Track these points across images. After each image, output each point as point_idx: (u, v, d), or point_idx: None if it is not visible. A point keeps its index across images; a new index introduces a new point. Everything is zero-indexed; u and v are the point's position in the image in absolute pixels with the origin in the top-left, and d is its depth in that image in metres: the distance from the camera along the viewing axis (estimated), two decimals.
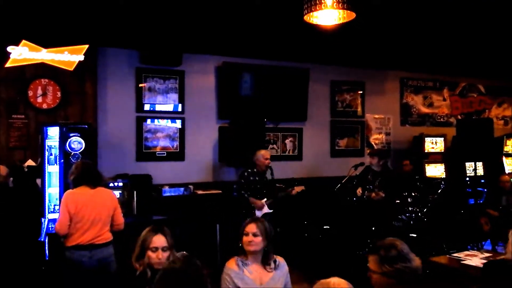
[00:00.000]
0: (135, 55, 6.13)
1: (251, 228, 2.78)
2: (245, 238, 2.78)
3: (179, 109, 6.43)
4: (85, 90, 5.72)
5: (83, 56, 5.24)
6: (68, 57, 5.19)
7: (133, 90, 6.18)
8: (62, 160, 4.86)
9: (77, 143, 5.03)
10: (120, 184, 5.51)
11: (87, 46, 5.25)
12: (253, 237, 2.76)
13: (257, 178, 5.46)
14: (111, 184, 5.45)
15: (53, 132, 5.00)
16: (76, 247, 3.60)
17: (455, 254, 4.09)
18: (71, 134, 4.99)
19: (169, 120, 6.39)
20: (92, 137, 5.45)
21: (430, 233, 5.50)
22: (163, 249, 2.55)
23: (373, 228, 5.61)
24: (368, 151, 7.32)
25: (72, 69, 5.23)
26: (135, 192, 5.52)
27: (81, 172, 3.78)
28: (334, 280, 1.87)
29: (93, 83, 5.82)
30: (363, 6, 3.75)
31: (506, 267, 2.86)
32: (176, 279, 1.54)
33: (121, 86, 6.12)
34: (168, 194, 6.02)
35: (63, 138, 4.90)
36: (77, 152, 5.06)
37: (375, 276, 2.31)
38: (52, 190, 4.93)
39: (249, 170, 5.53)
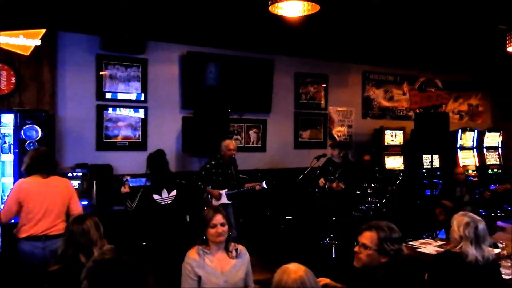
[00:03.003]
0: (96, 41, 5.94)
1: (218, 219, 2.76)
2: (213, 231, 2.74)
3: (142, 98, 6.30)
4: (42, 76, 5.49)
5: (40, 41, 5.02)
6: (24, 41, 4.97)
7: (94, 77, 6.00)
8: (17, 150, 4.68)
9: (33, 131, 4.85)
10: (79, 174, 5.37)
11: (44, 30, 5.04)
12: (221, 227, 2.75)
13: (219, 170, 5.46)
14: (70, 174, 5.30)
15: (7, 119, 4.81)
16: (29, 238, 3.49)
17: (411, 242, 4.25)
18: (27, 122, 4.81)
19: (132, 109, 6.26)
20: (50, 125, 5.26)
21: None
22: None
23: (334, 218, 5.74)
24: (330, 144, 7.46)
25: (27, 53, 5.01)
26: (95, 182, 5.39)
27: (34, 161, 3.64)
28: (292, 266, 1.92)
29: (51, 69, 5.60)
30: None
31: (452, 257, 2.98)
32: (106, 268, 1.55)
33: (81, 73, 5.92)
34: (130, 184, 5.89)
35: (18, 126, 4.72)
36: (33, 141, 4.88)
37: (367, 252, 2.39)
38: (5, 179, 4.76)
39: (213, 162, 5.53)
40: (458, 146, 8.50)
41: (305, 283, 1.84)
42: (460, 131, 8.56)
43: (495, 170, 8.68)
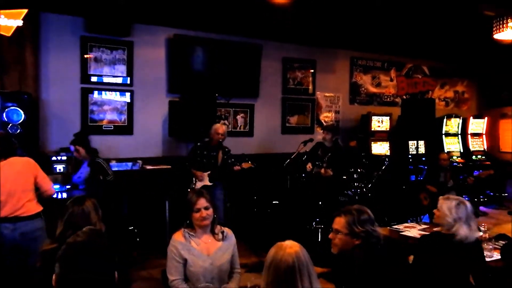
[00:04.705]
0: (80, 22, 5.81)
1: (202, 203, 2.75)
2: (197, 215, 2.74)
3: (128, 81, 6.21)
4: (24, 57, 5.35)
5: (22, 21, 4.88)
6: (5, 21, 4.81)
7: (78, 60, 5.88)
8: None
9: (16, 113, 4.77)
10: (64, 158, 5.30)
11: (26, 10, 4.90)
12: (205, 211, 2.75)
13: (204, 153, 5.42)
14: (54, 158, 5.25)
15: None
16: (0, 219, 3.49)
17: (395, 226, 4.31)
18: (9, 104, 4.72)
19: (118, 93, 6.17)
20: (33, 108, 5.17)
21: (374, 207, 5.73)
22: None
23: (320, 203, 5.78)
24: (323, 126, 7.52)
25: (9, 34, 4.86)
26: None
27: None
28: (287, 242, 1.98)
29: (34, 51, 5.47)
30: None
31: (438, 237, 3.03)
32: (79, 251, 1.55)
33: (64, 55, 5.80)
34: (115, 168, 5.85)
35: (0, 108, 4.62)
36: (16, 124, 4.81)
37: (339, 237, 2.45)
38: None
39: (199, 144, 5.50)
40: (443, 132, 8.61)
41: (300, 258, 1.89)
42: (445, 117, 8.66)
43: (479, 156, 8.83)
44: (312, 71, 7.83)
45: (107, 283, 1.53)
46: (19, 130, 4.80)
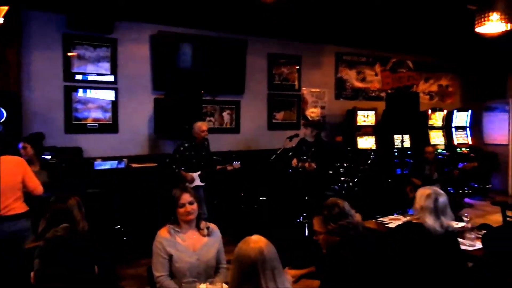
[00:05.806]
0: (63, 19, 5.74)
1: (186, 198, 2.76)
2: (182, 210, 2.75)
3: (112, 79, 6.15)
4: (6, 55, 5.28)
5: (3, 19, 4.80)
6: None
7: (61, 57, 5.81)
8: None
9: None
10: (48, 157, 5.22)
11: (7, 7, 4.81)
12: (190, 206, 2.75)
13: (193, 153, 5.39)
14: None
15: None
16: None
17: (381, 219, 4.35)
18: None
19: (102, 91, 6.10)
20: (16, 106, 5.09)
21: (360, 201, 5.78)
22: None
23: (307, 198, 5.81)
24: (303, 123, 7.52)
25: None
26: (64, 165, 5.27)
27: None
28: (254, 237, 1.97)
29: (16, 48, 5.40)
30: None
31: (410, 226, 3.04)
32: (58, 246, 1.57)
33: (47, 53, 5.73)
34: (100, 167, 5.81)
35: None
36: None
37: (321, 237, 2.43)
38: None
39: (186, 145, 5.43)
40: (428, 125, 8.70)
41: (263, 253, 1.86)
42: (430, 111, 8.75)
43: (464, 149, 8.95)
44: (298, 67, 7.85)
45: (86, 278, 1.53)
46: (1, 129, 4.73)
